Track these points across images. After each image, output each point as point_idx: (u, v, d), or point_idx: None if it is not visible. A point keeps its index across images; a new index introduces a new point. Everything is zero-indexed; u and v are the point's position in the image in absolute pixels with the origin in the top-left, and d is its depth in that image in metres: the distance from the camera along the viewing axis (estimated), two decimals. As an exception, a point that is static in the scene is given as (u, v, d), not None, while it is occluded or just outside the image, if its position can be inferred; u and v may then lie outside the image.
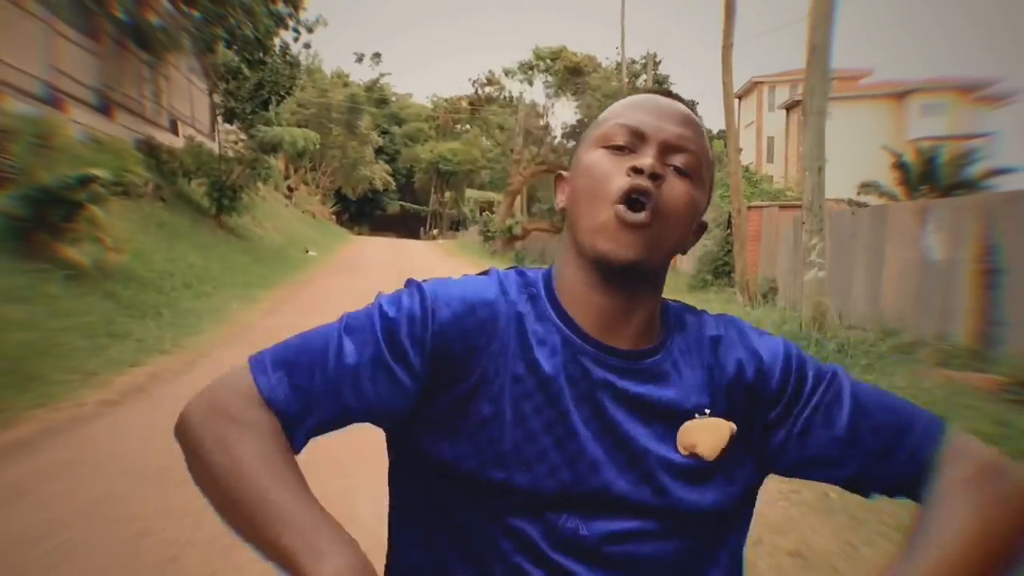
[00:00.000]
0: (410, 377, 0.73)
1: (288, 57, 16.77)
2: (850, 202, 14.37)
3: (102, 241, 7.61)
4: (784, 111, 32.70)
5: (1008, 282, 6.55)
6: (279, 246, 18.34)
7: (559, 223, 33.03)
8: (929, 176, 14.45)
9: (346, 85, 46.16)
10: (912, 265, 7.90)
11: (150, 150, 13.95)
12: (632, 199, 0.71)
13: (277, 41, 16.70)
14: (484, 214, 33.07)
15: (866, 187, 16.20)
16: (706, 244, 13.98)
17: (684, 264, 15.48)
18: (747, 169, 30.61)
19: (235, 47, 14.17)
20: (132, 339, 6.81)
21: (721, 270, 13.46)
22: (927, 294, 7.63)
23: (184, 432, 0.70)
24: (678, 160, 0.73)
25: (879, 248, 8.64)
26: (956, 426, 3.06)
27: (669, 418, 0.75)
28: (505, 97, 35.27)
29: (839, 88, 34.71)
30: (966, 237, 7.00)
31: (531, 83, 32.83)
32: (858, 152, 27.45)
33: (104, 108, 13.15)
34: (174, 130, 17.36)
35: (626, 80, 26.19)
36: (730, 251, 12.85)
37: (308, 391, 0.71)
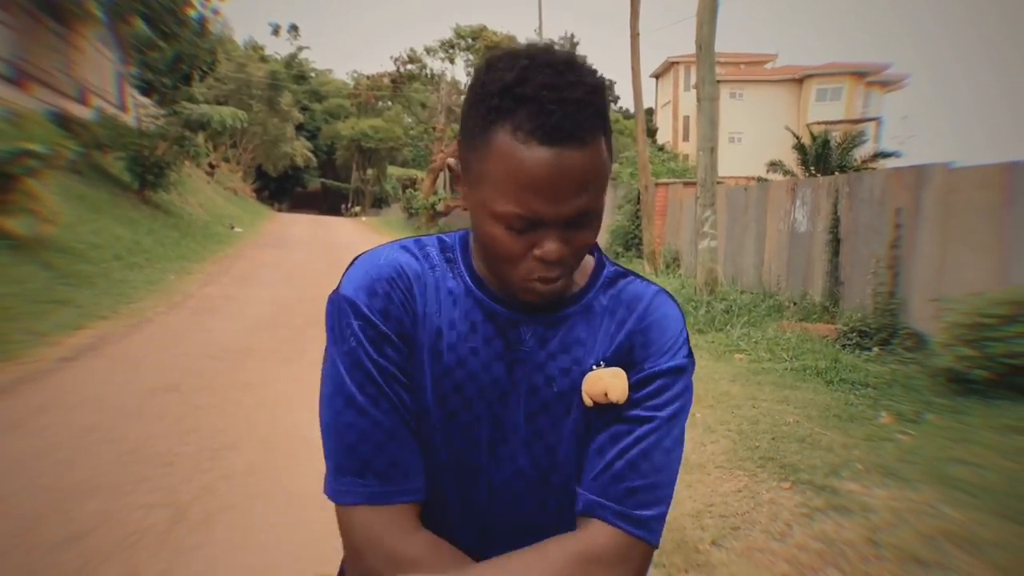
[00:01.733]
0: (406, 376, 0.78)
1: (206, 32, 16.57)
2: (759, 179, 15.43)
3: (37, 213, 7.81)
4: (695, 90, 34.15)
5: (844, 249, 7.84)
6: (205, 222, 18.26)
7: (482, 201, 33.29)
8: (822, 157, 15.64)
9: (263, 59, 44.91)
10: (785, 236, 9.15)
11: (64, 122, 13.68)
12: (544, 281, 0.73)
13: (193, 14, 16.50)
14: (407, 191, 33.33)
15: (773, 165, 17.43)
16: (617, 219, 15.05)
17: (599, 238, 16.57)
18: (662, 148, 32.14)
19: (148, 18, 13.96)
20: (72, 305, 7.15)
21: (631, 242, 14.57)
22: (796, 260, 8.89)
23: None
24: (580, 223, 0.71)
25: (762, 221, 9.88)
26: (801, 363, 4.42)
27: (576, 365, 0.80)
28: (427, 75, 35.47)
29: (747, 72, 36.61)
30: (822, 212, 8.25)
31: (452, 61, 33.21)
32: (769, 131, 29.00)
33: (17, 80, 12.85)
34: (83, 101, 16.91)
35: (577, 54, 26.88)
36: (639, 225, 13.95)
37: (373, 462, 0.75)
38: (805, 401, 5.25)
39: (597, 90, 0.69)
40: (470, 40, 31.83)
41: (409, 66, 33.95)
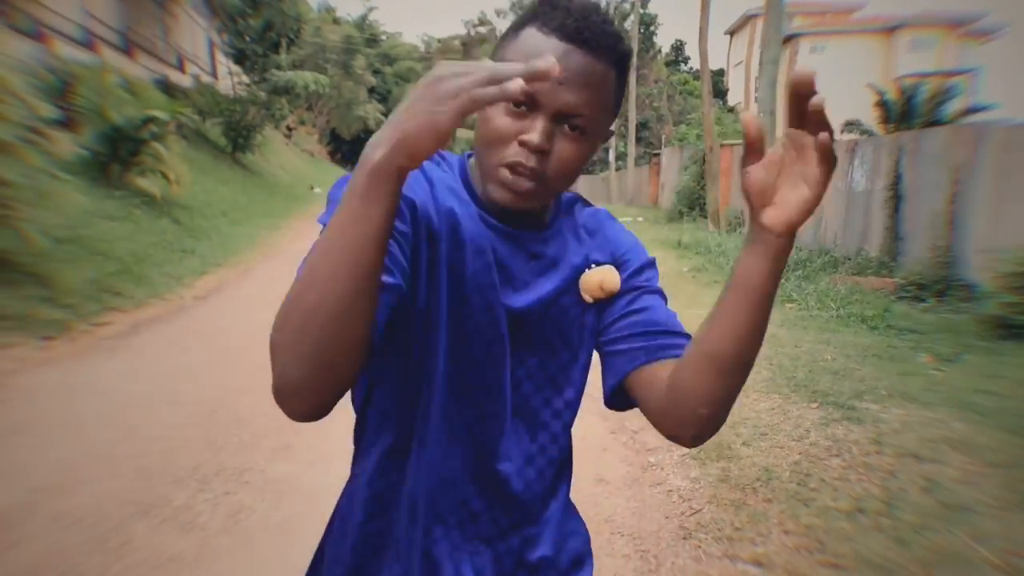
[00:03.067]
0: (402, 247, 0.76)
1: (295, 2, 17.55)
2: (857, 140, 14.19)
3: (165, 174, 8.92)
4: None
5: (906, 206, 8.07)
6: (287, 182, 19.53)
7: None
8: (909, 114, 14.73)
9: (335, 22, 45.99)
10: (842, 195, 9.38)
11: (167, 89, 14.96)
12: (517, 167, 0.76)
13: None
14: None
15: (849, 125, 16.71)
16: (683, 179, 15.33)
17: (664, 198, 16.85)
18: (732, 109, 31.57)
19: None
20: (196, 255, 8.25)
21: (695, 203, 14.86)
22: (853, 218, 9.15)
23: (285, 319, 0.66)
24: (568, 123, 0.75)
25: (823, 180, 10.08)
26: (848, 311, 5.14)
27: (567, 269, 0.89)
28: (497, 36, 35.78)
29: (831, 22, 35.01)
30: (882, 170, 8.46)
31: (522, 22, 33.33)
32: (850, 87, 27.52)
33: (127, 49, 14.13)
34: (181, 68, 18.27)
35: (613, 20, 26.81)
36: (704, 185, 14.22)
37: None
38: (845, 343, 5.73)
39: (621, 38, 0.78)
40: (539, 0, 31.85)
41: (479, 28, 34.28)
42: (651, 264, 0.95)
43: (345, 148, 50.93)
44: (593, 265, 0.89)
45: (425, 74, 0.59)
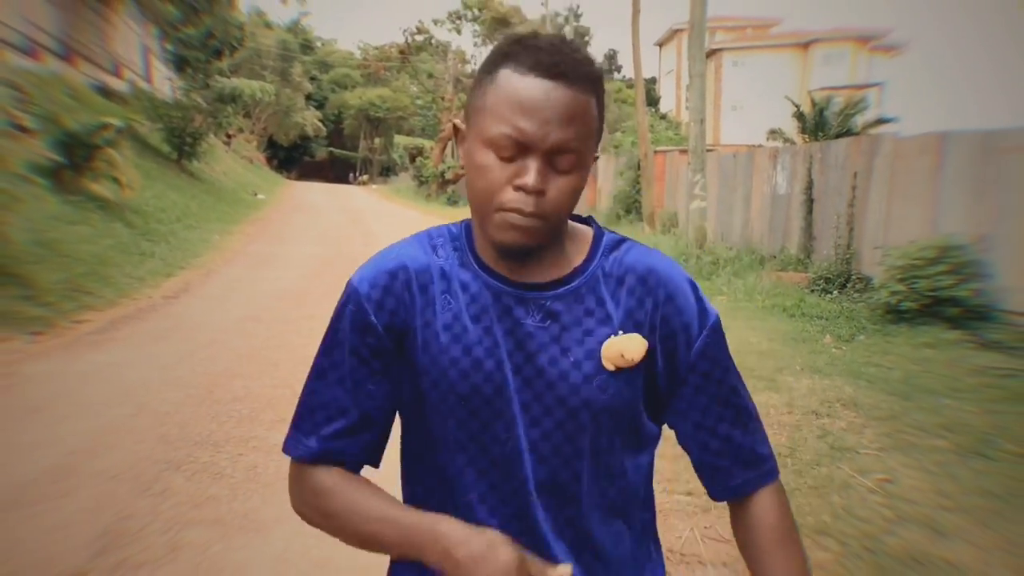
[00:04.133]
0: (383, 363, 0.83)
1: (234, 8, 17.62)
2: (758, 147, 15.21)
3: (118, 179, 9.05)
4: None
5: (817, 208, 9.05)
6: (231, 188, 19.48)
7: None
8: (822, 125, 15.42)
9: (267, 26, 45.51)
10: (767, 198, 10.34)
11: (106, 95, 14.82)
12: (517, 212, 0.75)
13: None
14: (417, 160, 34.37)
15: (773, 133, 17.45)
16: (619, 184, 16.21)
17: (601, 202, 17.73)
18: (664, 116, 33.02)
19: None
20: (157, 257, 8.45)
21: (632, 206, 15.74)
22: (776, 219, 10.10)
23: (310, 520, 0.86)
24: (562, 162, 0.74)
25: (748, 185, 11.06)
26: (772, 303, 6.02)
27: (588, 335, 0.81)
28: (434, 45, 36.25)
29: (751, 38, 36.90)
30: (799, 176, 9.43)
31: (459, 32, 34.00)
32: (772, 99, 28.77)
33: (66, 55, 13.97)
34: (117, 74, 18.01)
35: (549, 31, 27.79)
36: (639, 190, 15.10)
37: (323, 428, 0.83)
38: (769, 329, 6.52)
39: (593, 63, 0.76)
40: (477, 11, 32.58)
41: (417, 37, 34.68)
42: (716, 329, 0.86)
43: (282, 154, 50.32)
44: (620, 333, 0.82)
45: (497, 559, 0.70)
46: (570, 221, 0.87)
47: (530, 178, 0.73)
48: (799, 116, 16.39)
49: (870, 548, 2.66)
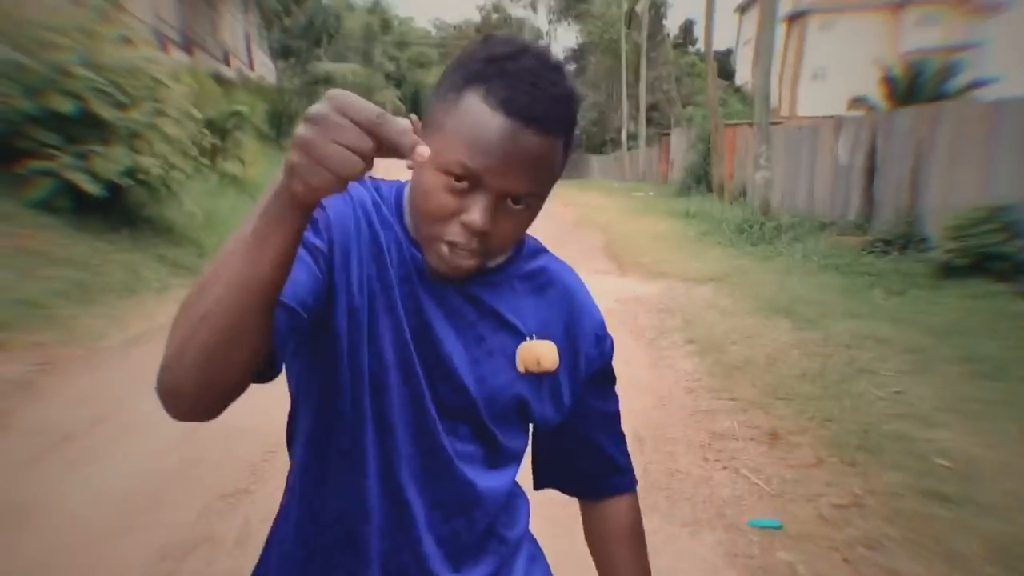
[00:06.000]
0: (318, 264, 0.71)
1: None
2: (839, 118, 13.67)
3: (242, 159, 10.44)
4: (785, 23, 31.28)
5: (881, 175, 9.45)
6: (323, 166, 21.07)
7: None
8: (915, 90, 14.77)
9: (350, 8, 47.24)
10: (830, 167, 10.75)
11: (220, 82, 16.46)
12: (457, 246, 0.72)
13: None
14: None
15: (856, 102, 16.92)
16: (690, 157, 16.69)
17: (673, 174, 18.23)
18: (739, 90, 32.65)
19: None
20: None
21: (702, 178, 16.23)
22: (839, 187, 10.52)
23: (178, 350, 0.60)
24: (513, 200, 0.71)
25: (813, 155, 11.46)
26: (826, 262, 6.96)
27: (504, 328, 0.81)
28: (508, 23, 36.94)
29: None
30: (861, 145, 9.83)
31: (535, 9, 34.54)
32: (860, 63, 27.38)
33: (185, 46, 15.63)
34: (226, 61, 19.77)
35: (625, 7, 28.02)
36: (710, 163, 15.58)
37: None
38: (820, 283, 7.16)
39: (570, 99, 0.71)
40: (552, -13, 33.03)
41: (494, 15, 35.46)
42: (611, 351, 0.92)
43: (362, 133, 52.34)
44: (533, 337, 0.82)
45: (323, 99, 0.53)
46: None
47: (478, 218, 0.69)
48: (888, 81, 15.44)
49: (865, 430, 3.46)
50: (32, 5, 5.94)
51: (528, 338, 0.82)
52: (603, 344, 0.90)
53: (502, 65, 0.69)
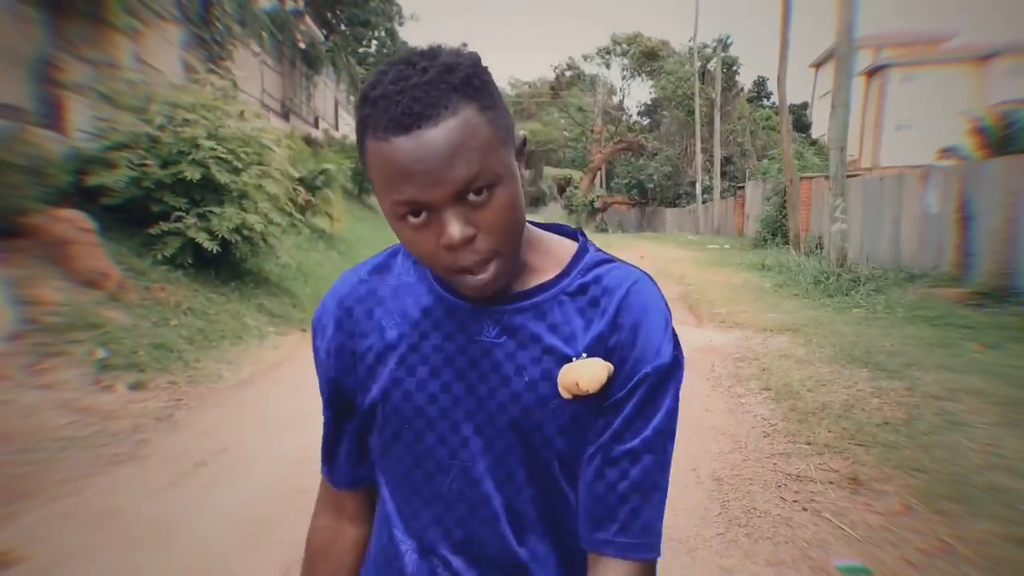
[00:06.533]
0: (346, 391, 0.84)
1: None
2: (927, 168, 13.33)
3: (330, 214, 11.17)
4: (865, 77, 31.54)
5: (976, 226, 9.19)
6: (403, 221, 22.08)
7: (636, 197, 35.94)
8: (1009, 140, 13.71)
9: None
10: (918, 217, 10.51)
11: (310, 143, 17.71)
12: (463, 269, 0.70)
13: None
14: (567, 190, 35.96)
15: (945, 152, 16.17)
16: (766, 209, 16.57)
17: (749, 226, 18.08)
18: (816, 142, 32.20)
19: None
20: (364, 277, 10.36)
21: (778, 230, 16.05)
22: (929, 238, 10.25)
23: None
24: (472, 191, 0.66)
25: (896, 205, 11.23)
26: (912, 314, 6.93)
27: (547, 354, 0.76)
28: (583, 79, 38.01)
29: (921, 52, 35.05)
30: (952, 194, 9.60)
31: (608, 66, 35.47)
32: (941, 116, 26.77)
33: (284, 114, 16.97)
34: (316, 125, 21.29)
35: (698, 64, 28.43)
36: (785, 215, 15.43)
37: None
38: (905, 335, 6.99)
39: (452, 68, 0.66)
40: (625, 46, 33.90)
41: (568, 73, 36.57)
42: (659, 372, 0.75)
43: (439, 189, 54.51)
44: (583, 356, 0.75)
45: None
46: (549, 234, 0.85)
47: (453, 232, 0.67)
48: (980, 131, 14.48)
49: (953, 480, 3.41)
50: (162, 85, 6.75)
51: (575, 358, 0.76)
52: (656, 358, 0.75)
53: (371, 95, 0.67)
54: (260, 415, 4.24)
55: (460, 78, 0.66)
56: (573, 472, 0.78)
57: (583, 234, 0.86)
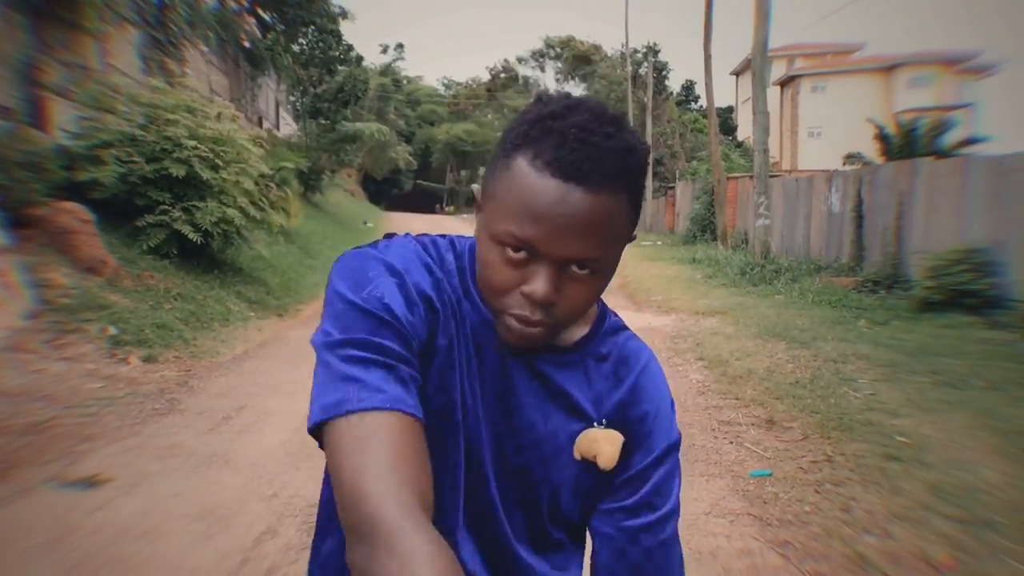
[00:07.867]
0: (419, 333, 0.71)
1: (360, 67, 20.72)
2: (832, 171, 14.79)
3: (287, 211, 11.55)
4: (778, 87, 33.71)
5: (868, 223, 10.48)
6: (346, 217, 22.33)
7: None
8: (908, 146, 14.96)
9: (383, 74, 49.76)
10: (824, 215, 11.81)
11: (255, 142, 17.88)
12: (522, 319, 0.69)
13: (353, 54, 20.65)
14: (504, 189, 36.74)
15: (850, 157, 17.42)
16: (695, 208, 17.82)
17: (679, 224, 19.35)
18: (741, 144, 34.17)
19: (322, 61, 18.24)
20: (319, 270, 10.83)
21: (707, 227, 17.32)
22: (832, 233, 11.55)
23: None
24: (578, 265, 0.67)
25: (808, 204, 12.54)
26: (819, 298, 8.05)
27: (572, 410, 0.78)
28: (518, 81, 38.99)
29: (832, 63, 37.50)
30: (850, 195, 10.90)
31: (543, 69, 36.57)
32: (853, 123, 28.52)
33: (229, 112, 17.13)
34: (259, 124, 21.36)
35: (629, 68, 29.77)
36: (714, 212, 16.69)
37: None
38: (813, 315, 8.09)
39: (628, 151, 0.66)
40: (559, 49, 35.03)
41: (503, 75, 37.42)
42: (675, 448, 0.81)
43: (372, 187, 54.32)
44: (604, 423, 0.78)
45: None
46: None
47: (539, 288, 0.66)
48: (882, 138, 15.82)
49: (840, 417, 4.34)
50: (142, 87, 7.12)
51: (596, 424, 0.78)
52: (670, 431, 0.81)
53: (549, 124, 0.65)
54: (264, 382, 4.81)
55: (633, 165, 0.66)
56: (556, 514, 0.81)
57: (600, 299, 0.81)
